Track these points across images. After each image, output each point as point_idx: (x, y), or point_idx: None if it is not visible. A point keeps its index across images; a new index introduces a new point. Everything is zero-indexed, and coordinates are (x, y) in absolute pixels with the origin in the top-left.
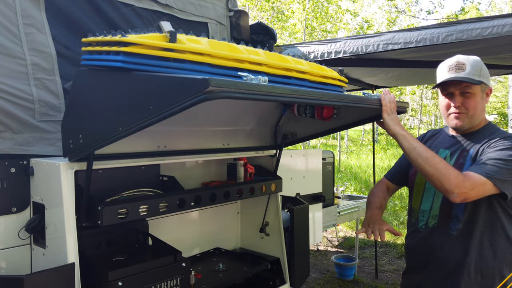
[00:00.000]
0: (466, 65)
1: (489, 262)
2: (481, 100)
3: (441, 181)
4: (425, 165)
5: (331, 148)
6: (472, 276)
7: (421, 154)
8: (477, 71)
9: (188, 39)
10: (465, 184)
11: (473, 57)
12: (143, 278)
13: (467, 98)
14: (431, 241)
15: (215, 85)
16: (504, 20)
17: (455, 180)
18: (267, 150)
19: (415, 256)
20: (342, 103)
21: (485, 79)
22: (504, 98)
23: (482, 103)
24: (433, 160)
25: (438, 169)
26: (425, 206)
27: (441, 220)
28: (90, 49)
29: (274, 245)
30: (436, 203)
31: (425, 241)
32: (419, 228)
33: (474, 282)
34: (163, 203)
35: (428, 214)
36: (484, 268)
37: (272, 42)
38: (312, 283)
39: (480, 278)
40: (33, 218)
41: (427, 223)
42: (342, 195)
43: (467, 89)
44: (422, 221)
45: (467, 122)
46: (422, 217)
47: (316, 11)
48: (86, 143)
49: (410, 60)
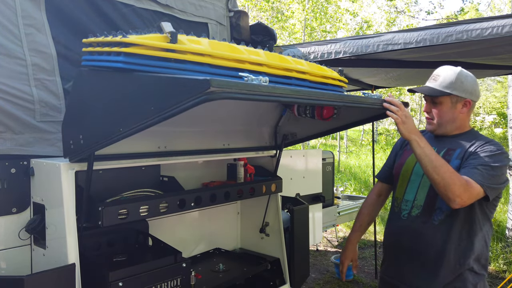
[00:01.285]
0: (440, 77)
1: (467, 253)
2: (451, 110)
3: (445, 189)
4: (433, 172)
5: (331, 148)
6: (451, 264)
7: (431, 162)
8: (448, 83)
9: (189, 39)
10: (466, 194)
11: (453, 70)
12: (144, 279)
13: (434, 106)
14: (413, 228)
15: (216, 86)
16: (503, 20)
17: (458, 191)
18: (267, 151)
19: (396, 243)
20: (342, 103)
21: (457, 91)
22: (504, 99)
23: (452, 113)
24: (441, 169)
25: (445, 179)
26: (409, 196)
27: (424, 210)
28: (91, 50)
29: (274, 246)
30: (421, 194)
31: (407, 228)
32: (402, 216)
33: (453, 269)
34: (163, 204)
35: (412, 204)
36: (461, 258)
37: (272, 42)
38: (311, 283)
39: (458, 266)
40: (33, 219)
41: (410, 212)
42: (342, 195)
43: (434, 98)
44: (405, 210)
45: (436, 127)
46: (405, 206)
47: (315, 11)
48: (87, 143)
49: (410, 61)
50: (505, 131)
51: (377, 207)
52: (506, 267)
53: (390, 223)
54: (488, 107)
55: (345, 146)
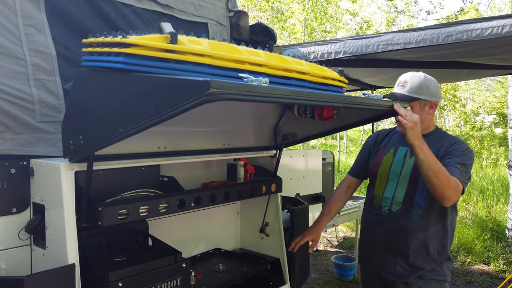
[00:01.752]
0: (407, 83)
1: (443, 242)
2: (420, 113)
3: (442, 192)
4: (434, 177)
5: (330, 148)
6: (431, 253)
7: (432, 167)
8: (415, 88)
9: (189, 40)
10: (457, 194)
11: (417, 76)
12: (143, 279)
13: None
14: (394, 223)
15: (217, 87)
16: (503, 20)
17: (451, 192)
18: (267, 151)
19: (378, 237)
20: (343, 104)
21: (424, 96)
22: (503, 99)
23: (422, 115)
24: (440, 173)
25: (443, 182)
26: (388, 194)
27: (404, 206)
28: (91, 50)
29: (274, 246)
30: (399, 192)
31: (389, 223)
32: (382, 212)
33: (432, 258)
34: (163, 204)
35: (391, 200)
36: (440, 247)
37: (272, 42)
38: (311, 283)
39: (437, 256)
40: (33, 219)
41: (390, 209)
42: None
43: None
44: (385, 206)
45: None
46: (385, 203)
47: (315, 11)
48: (87, 144)
49: (410, 61)
50: (505, 131)
51: (345, 197)
52: (506, 267)
53: (370, 218)
54: (488, 107)
55: (345, 146)
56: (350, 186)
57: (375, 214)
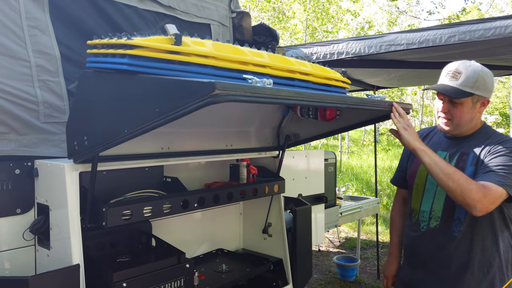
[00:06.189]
0: (461, 75)
1: (491, 261)
2: (471, 110)
3: (463, 196)
4: (448, 180)
5: (332, 148)
6: (475, 274)
7: (443, 169)
8: (470, 82)
9: (193, 41)
10: (487, 198)
11: (473, 66)
12: (147, 279)
13: (454, 106)
14: (433, 241)
15: (221, 88)
16: (506, 21)
17: (477, 195)
18: (270, 151)
19: (416, 254)
20: (347, 105)
21: (480, 91)
22: (506, 99)
23: (472, 113)
24: (455, 175)
25: (461, 185)
26: (425, 207)
27: (443, 221)
28: (96, 52)
29: (276, 246)
30: (437, 205)
31: (428, 241)
32: (421, 228)
33: (477, 279)
34: (166, 204)
35: (429, 215)
36: (487, 266)
37: (275, 43)
38: (314, 284)
39: (482, 275)
40: (37, 220)
41: (428, 224)
42: (344, 196)
43: (455, 98)
44: (424, 221)
45: (453, 128)
46: (422, 218)
47: (317, 12)
48: (91, 145)
49: (412, 61)
50: (507, 131)
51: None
52: None
53: (409, 234)
54: (490, 107)
55: (346, 147)
56: (406, 198)
57: (414, 230)
